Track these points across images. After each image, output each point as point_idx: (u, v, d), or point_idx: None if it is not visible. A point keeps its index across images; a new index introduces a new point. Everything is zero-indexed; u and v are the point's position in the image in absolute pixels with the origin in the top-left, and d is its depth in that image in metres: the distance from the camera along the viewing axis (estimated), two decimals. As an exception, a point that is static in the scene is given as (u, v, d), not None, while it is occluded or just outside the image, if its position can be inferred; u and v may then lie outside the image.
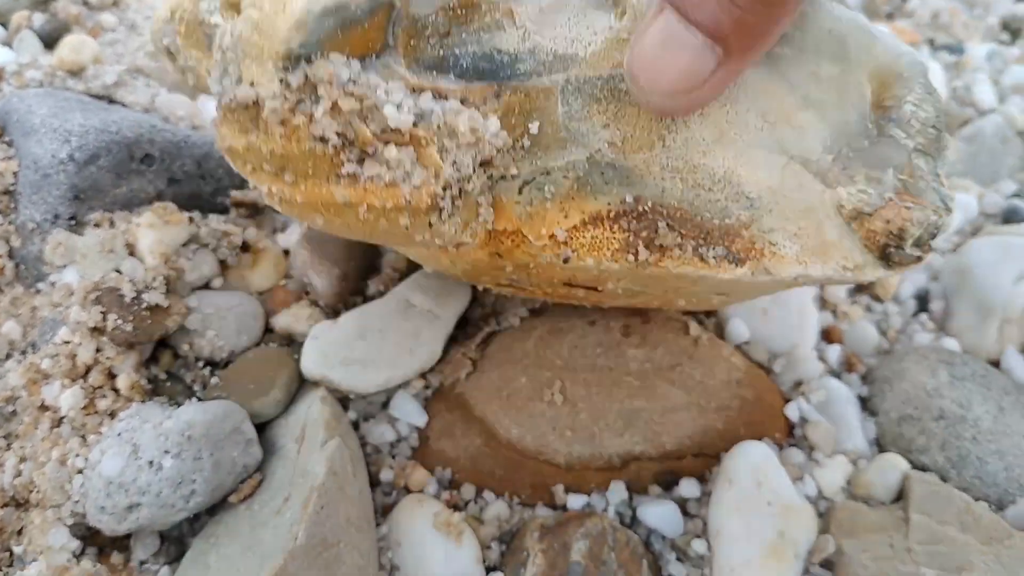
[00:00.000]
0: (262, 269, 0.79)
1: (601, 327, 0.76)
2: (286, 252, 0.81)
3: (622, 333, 0.75)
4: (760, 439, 0.73)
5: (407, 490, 0.72)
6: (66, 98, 0.79)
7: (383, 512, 0.71)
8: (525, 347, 0.76)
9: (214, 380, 0.72)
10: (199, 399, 0.71)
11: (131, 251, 0.73)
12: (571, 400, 0.73)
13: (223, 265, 0.78)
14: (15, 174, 0.76)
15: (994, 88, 1.06)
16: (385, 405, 0.76)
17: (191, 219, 0.77)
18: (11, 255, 0.76)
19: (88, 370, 0.69)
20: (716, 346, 0.76)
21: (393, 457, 0.74)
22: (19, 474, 0.69)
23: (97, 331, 0.69)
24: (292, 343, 0.77)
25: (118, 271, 0.72)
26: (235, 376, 0.71)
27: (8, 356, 0.75)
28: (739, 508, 0.68)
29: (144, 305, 0.69)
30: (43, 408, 0.70)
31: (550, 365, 0.75)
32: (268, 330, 0.77)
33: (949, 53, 1.10)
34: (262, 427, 0.70)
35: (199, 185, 0.81)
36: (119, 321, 0.68)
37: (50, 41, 0.91)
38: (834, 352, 0.81)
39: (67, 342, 0.69)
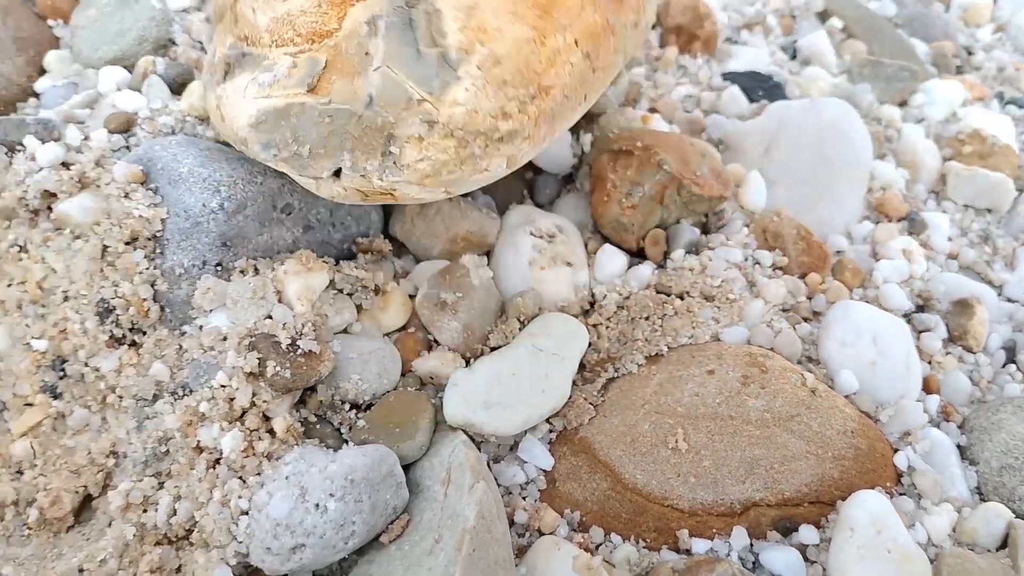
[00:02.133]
0: (392, 311, 0.83)
1: (720, 376, 0.79)
2: (411, 296, 0.85)
3: (741, 383, 0.79)
4: (872, 488, 0.77)
5: (540, 532, 0.75)
6: (207, 148, 0.82)
7: (518, 553, 0.74)
8: (645, 393, 0.80)
9: (360, 423, 0.75)
10: (347, 441, 0.74)
11: (279, 297, 0.77)
12: (694, 447, 0.77)
13: (359, 309, 0.81)
14: (163, 221, 0.79)
15: (1064, 141, 1.11)
16: (512, 448, 0.79)
17: (330, 266, 0.81)
18: (155, 298, 0.80)
19: (244, 413, 0.73)
20: (831, 397, 0.79)
21: (524, 499, 0.77)
22: (174, 513, 0.72)
23: (254, 376, 0.73)
24: (425, 385, 0.80)
25: (269, 317, 0.75)
26: (379, 419, 0.75)
27: (156, 397, 0.78)
28: (861, 555, 0.71)
29: (300, 352, 0.73)
30: (198, 449, 0.73)
31: (671, 412, 0.78)
32: (402, 372, 0.80)
33: (1017, 107, 1.14)
34: (405, 468, 0.74)
35: (329, 232, 0.85)
36: (278, 368, 0.71)
37: (175, 86, 0.95)
38: (933, 402, 0.85)
39: (224, 386, 0.72)
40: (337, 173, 0.68)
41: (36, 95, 0.99)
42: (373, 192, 0.69)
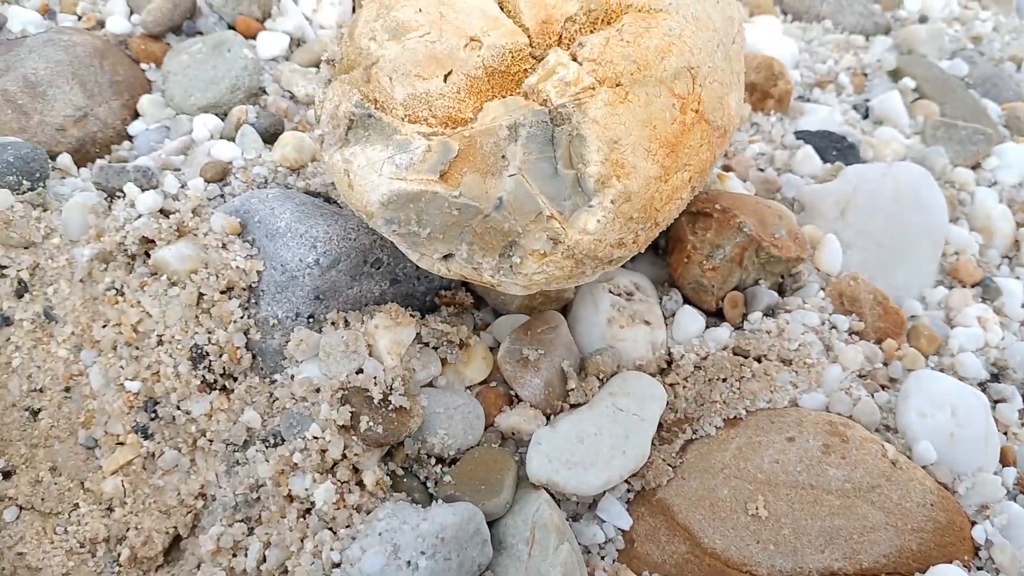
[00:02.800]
0: (474, 365, 0.84)
1: (800, 444, 0.80)
2: (491, 349, 0.87)
3: (822, 451, 0.79)
4: (950, 562, 0.77)
5: (619, 593, 0.76)
6: (303, 202, 0.85)
7: (598, 613, 0.75)
8: (724, 458, 0.81)
9: (446, 478, 0.77)
10: (433, 496, 0.76)
11: (370, 351, 0.79)
12: (774, 515, 0.77)
13: (443, 362, 0.83)
14: (259, 273, 0.82)
15: None
16: (591, 506, 0.80)
17: (416, 319, 0.83)
18: (248, 346, 0.82)
19: (335, 465, 0.75)
20: (911, 469, 0.80)
21: (602, 558, 0.78)
22: (264, 560, 0.74)
23: (346, 429, 0.75)
24: (506, 440, 0.82)
25: (360, 371, 0.77)
26: (465, 475, 0.77)
27: (247, 443, 0.80)
28: (942, 631, 0.71)
29: (391, 407, 0.75)
30: (289, 498, 0.75)
31: (752, 478, 0.79)
32: (485, 427, 0.82)
33: (1094, 172, 1.14)
34: (489, 525, 0.75)
35: (414, 285, 0.87)
36: (371, 423, 0.73)
37: (266, 135, 0.98)
38: (1010, 474, 0.85)
39: (317, 438, 0.74)
40: (446, 256, 0.70)
41: (130, 138, 1.03)
42: (476, 280, 0.71)
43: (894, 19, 1.31)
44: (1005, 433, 0.88)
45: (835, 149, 1.08)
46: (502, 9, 0.74)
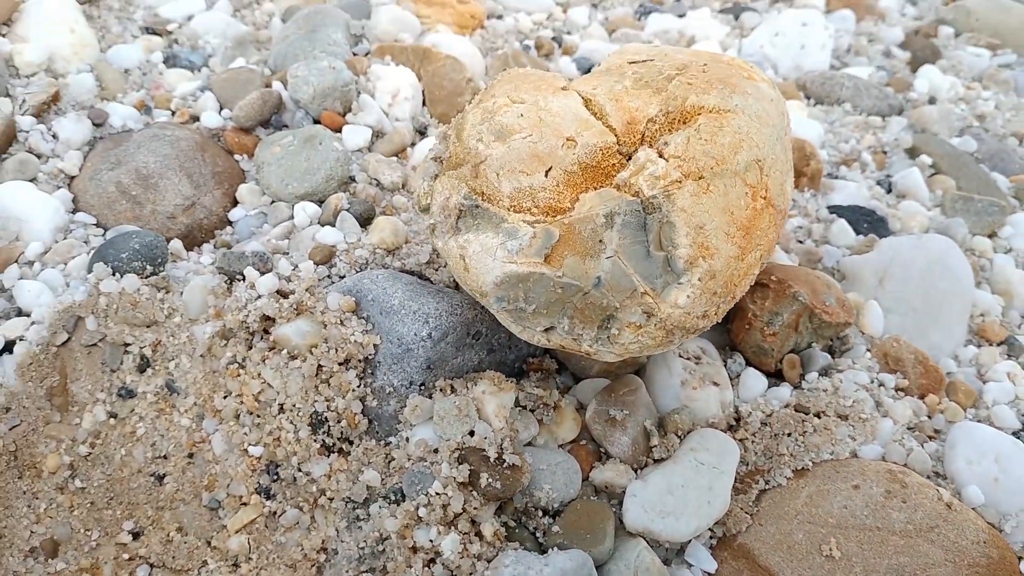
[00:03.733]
0: (566, 426, 0.94)
1: (864, 491, 0.89)
2: (576, 410, 0.96)
3: (884, 496, 0.89)
4: (1005, 594, 0.86)
5: (711, 631, 0.84)
6: (409, 282, 0.95)
7: (694, 649, 0.83)
8: (796, 505, 0.90)
9: (555, 528, 0.85)
10: (543, 545, 0.84)
11: (480, 414, 0.88)
12: (846, 555, 0.86)
13: (539, 423, 0.92)
14: (375, 346, 0.91)
15: None
16: (678, 552, 0.89)
17: (515, 385, 0.92)
18: (364, 412, 0.91)
19: (456, 518, 0.83)
20: (964, 510, 0.89)
21: (693, 599, 0.87)
22: (393, 605, 0.82)
23: (465, 486, 0.83)
24: (599, 493, 0.91)
25: (472, 432, 0.86)
26: (571, 525, 0.85)
27: (367, 501, 0.89)
28: (1006, 657, 0.80)
29: (506, 464, 0.83)
30: (414, 549, 0.83)
31: (823, 523, 0.88)
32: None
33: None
34: (596, 569, 0.83)
35: (507, 353, 0.96)
36: (490, 479, 0.82)
37: (361, 220, 1.08)
38: (1050, 514, 0.94)
39: (439, 494, 0.83)
40: (547, 329, 0.80)
41: (231, 223, 1.13)
42: (575, 349, 0.81)
43: (906, 100, 1.44)
44: (1041, 477, 0.98)
45: (866, 222, 1.19)
46: (591, 112, 0.85)
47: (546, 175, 0.81)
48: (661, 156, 0.80)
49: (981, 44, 1.61)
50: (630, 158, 0.82)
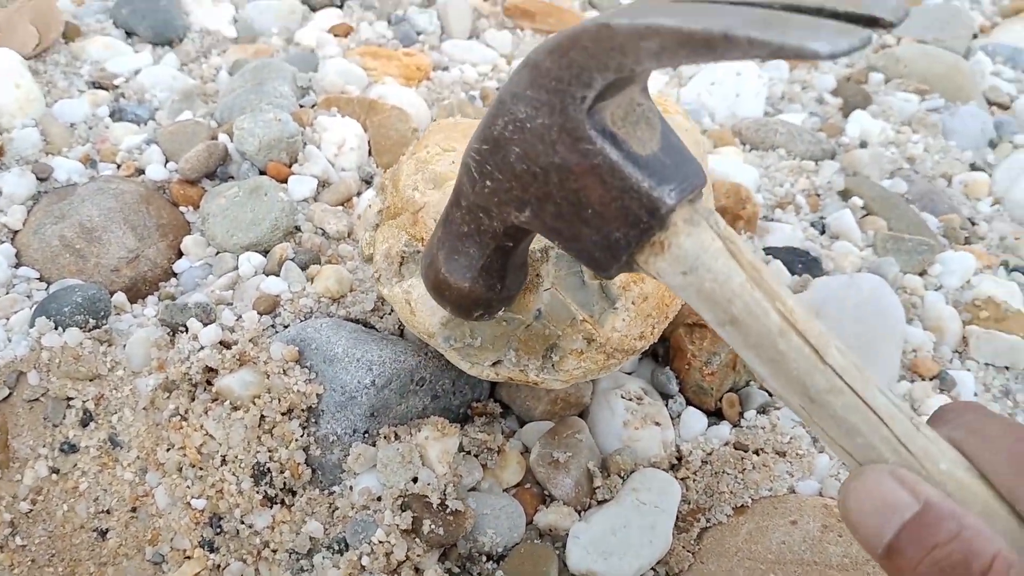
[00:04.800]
0: (510, 469, 0.94)
1: (802, 526, 0.91)
2: (521, 453, 0.97)
3: (821, 531, 0.91)
4: (941, 624, 0.88)
5: (655, 670, 0.85)
6: (353, 330, 0.96)
7: None
8: (736, 542, 0.92)
9: (499, 573, 0.86)
10: (487, 591, 0.85)
11: (423, 461, 0.89)
12: (785, 590, 0.88)
13: (484, 468, 0.93)
14: (319, 395, 0.92)
15: (1065, 306, 1.27)
16: (623, 592, 0.90)
17: (458, 430, 0.93)
18: (308, 462, 0.91)
19: (399, 566, 0.83)
20: (898, 543, 0.91)
21: (637, 640, 0.87)
22: (337, 656, 0.82)
23: (408, 533, 0.84)
24: (543, 536, 0.91)
25: (415, 479, 0.87)
26: (514, 569, 0.86)
27: (311, 551, 0.88)
28: None
29: (449, 510, 0.84)
30: (358, 599, 0.83)
31: (763, 559, 0.90)
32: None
33: (1022, 274, 1.31)
34: (538, 615, 0.84)
35: (451, 399, 0.97)
36: (432, 525, 0.83)
37: (304, 269, 1.09)
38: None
39: (382, 542, 0.83)
40: (495, 363, 0.82)
41: (175, 275, 1.13)
42: (522, 380, 0.83)
43: (838, 145, 1.50)
44: (973, 508, 1.01)
45: (800, 263, 1.23)
46: None
47: None
48: None
49: (910, 89, 1.68)
50: None
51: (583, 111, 0.53)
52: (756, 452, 1.00)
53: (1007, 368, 1.18)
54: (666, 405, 1.04)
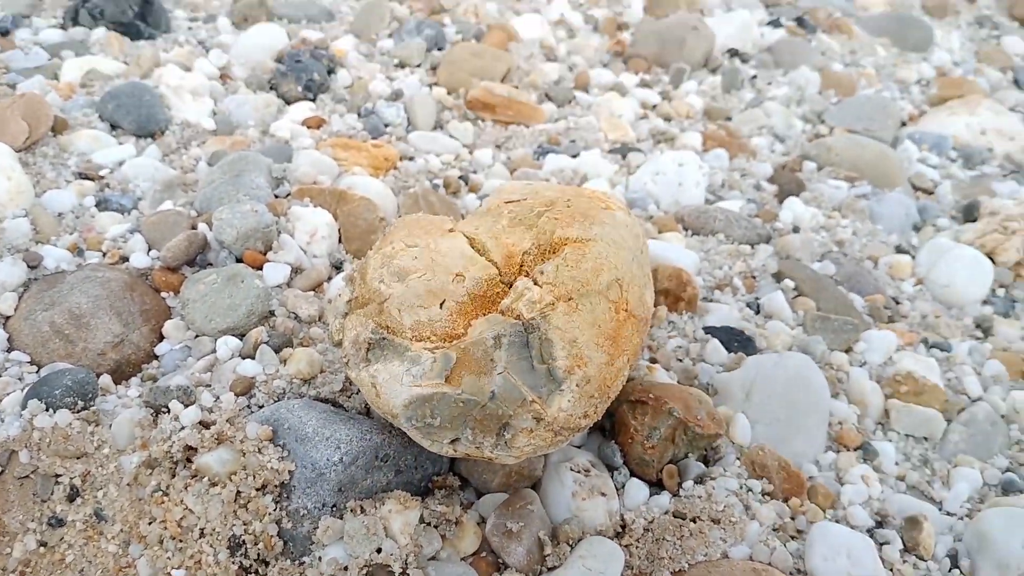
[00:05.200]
0: (467, 540, 1.03)
1: (732, 588, 1.00)
2: (478, 523, 1.05)
3: (749, 593, 1.00)
4: (858, 677, 0.97)
5: None
6: (323, 410, 1.05)
7: None
8: (674, 604, 1.00)
9: (457, 637, 0.94)
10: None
11: (387, 532, 0.97)
12: (717, 648, 0.96)
13: (443, 538, 1.01)
14: (291, 472, 1.00)
15: (978, 379, 1.39)
16: (570, 653, 0.98)
17: (419, 503, 1.02)
18: (280, 534, 0.99)
19: (364, 630, 0.91)
20: (819, 603, 1.01)
21: None
22: None
23: (373, 599, 0.92)
24: (498, 602, 1.00)
25: (379, 550, 0.95)
26: (470, 633, 0.94)
27: (283, 618, 0.96)
28: None
29: (409, 579, 0.92)
30: (326, 661, 0.91)
31: (697, 619, 0.99)
32: (480, 592, 1.00)
33: (940, 350, 1.43)
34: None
35: (413, 473, 1.06)
36: (395, 593, 0.91)
37: (278, 352, 1.18)
38: (897, 604, 1.06)
39: (349, 608, 0.91)
40: (453, 441, 0.91)
41: (156, 357, 1.21)
42: (478, 456, 0.92)
43: (773, 230, 1.63)
44: (891, 569, 1.10)
45: (736, 341, 1.34)
46: (475, 250, 0.99)
47: (440, 307, 0.95)
48: (536, 284, 0.95)
49: (840, 177, 1.82)
50: (511, 286, 0.96)
51: None
52: (693, 520, 1.09)
53: (925, 439, 1.29)
54: (612, 476, 1.13)
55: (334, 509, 0.99)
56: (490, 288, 0.97)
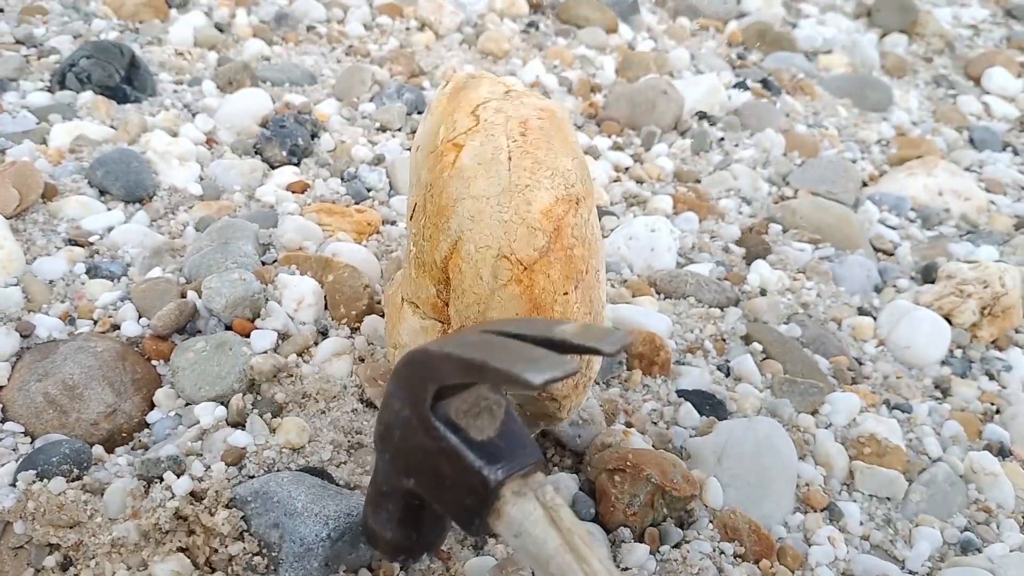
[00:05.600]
0: (451, 608, 1.07)
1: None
2: None
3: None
4: None
5: None
6: (312, 484, 1.08)
7: None
8: (651, 667, 1.04)
9: None
10: None
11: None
12: None
13: (428, 607, 1.05)
14: (280, 546, 1.03)
15: (937, 439, 1.45)
16: None
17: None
18: (269, 605, 1.03)
19: None
20: (789, 664, 1.05)
21: None
22: None
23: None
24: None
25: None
26: None
27: None
28: None
29: (398, 649, 0.96)
30: None
31: None
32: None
33: (901, 412, 1.50)
34: None
35: (399, 541, 1.10)
36: (383, 662, 0.94)
37: (268, 420, 1.22)
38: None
39: None
40: None
41: (148, 425, 1.24)
42: None
43: (741, 292, 1.70)
44: (856, 629, 1.16)
45: (708, 404, 1.40)
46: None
47: None
48: None
49: (804, 239, 1.90)
50: None
51: (427, 406, 0.75)
52: (669, 583, 1.14)
53: (888, 499, 1.35)
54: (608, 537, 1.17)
55: (319, 583, 1.03)
56: None
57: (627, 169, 2.08)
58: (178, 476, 1.11)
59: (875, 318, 1.72)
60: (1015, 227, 2.16)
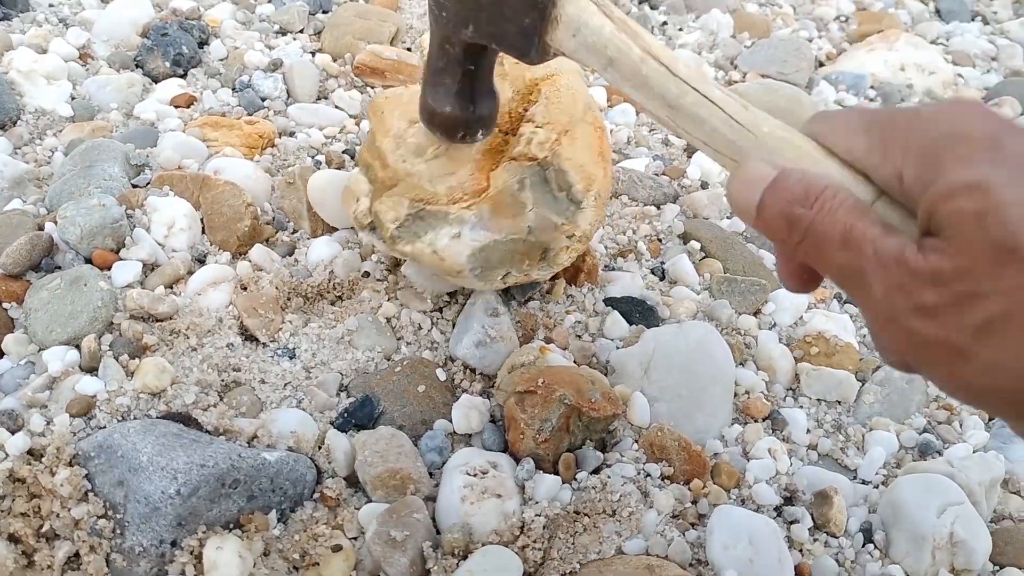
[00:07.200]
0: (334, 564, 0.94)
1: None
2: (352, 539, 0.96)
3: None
4: (762, 674, 0.90)
5: None
6: (163, 433, 0.94)
7: None
8: (563, 611, 0.92)
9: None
10: None
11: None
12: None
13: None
14: (124, 506, 0.89)
15: (893, 334, 1.31)
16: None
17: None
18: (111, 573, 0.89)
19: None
20: (718, 598, 0.93)
21: None
22: None
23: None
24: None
25: (226, 584, 0.86)
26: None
27: (125, 666, 0.86)
28: None
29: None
30: None
31: (587, 627, 0.91)
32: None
33: (853, 305, 1.36)
34: None
35: (271, 498, 0.96)
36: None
37: (124, 362, 1.06)
38: (805, 588, 0.99)
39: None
40: (504, 276, 1.08)
41: (-3, 376, 1.09)
42: (525, 280, 1.12)
43: (680, 187, 1.53)
44: (800, 550, 1.03)
45: (637, 312, 1.26)
46: None
47: (464, 169, 1.07)
48: (538, 127, 1.08)
49: (752, 125, 1.72)
50: (507, 134, 1.11)
51: None
52: (587, 515, 1.01)
53: (838, 403, 1.22)
54: (515, 474, 1.04)
55: (173, 545, 0.89)
56: (492, 141, 1.08)
57: (558, 61, 1.88)
58: (12, 433, 0.96)
59: (828, 206, 1.56)
60: (984, 100, 1.98)
